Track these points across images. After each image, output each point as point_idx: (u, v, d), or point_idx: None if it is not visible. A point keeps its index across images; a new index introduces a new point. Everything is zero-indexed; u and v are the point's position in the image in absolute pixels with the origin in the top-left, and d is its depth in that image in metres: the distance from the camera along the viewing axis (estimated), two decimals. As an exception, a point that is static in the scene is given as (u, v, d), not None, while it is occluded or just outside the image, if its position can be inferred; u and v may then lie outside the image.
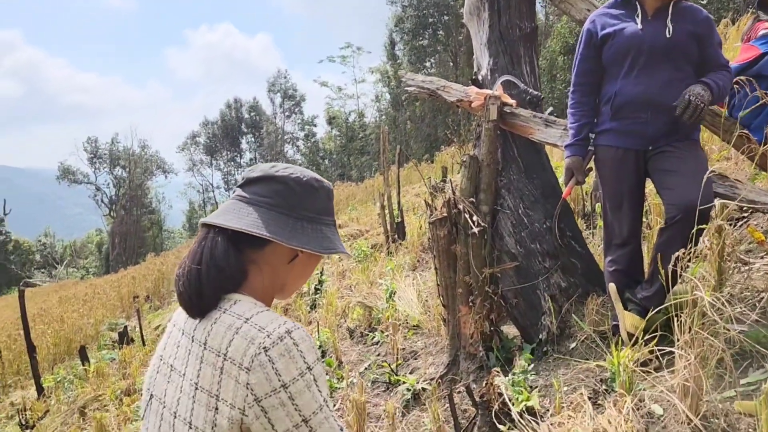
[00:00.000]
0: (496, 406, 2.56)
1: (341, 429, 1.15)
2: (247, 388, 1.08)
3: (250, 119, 49.21)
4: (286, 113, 47.90)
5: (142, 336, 9.00)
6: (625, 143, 2.74)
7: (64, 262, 47.09)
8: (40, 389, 7.57)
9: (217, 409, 1.11)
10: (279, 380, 1.08)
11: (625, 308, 2.70)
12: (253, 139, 49.60)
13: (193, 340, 1.19)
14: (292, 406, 1.08)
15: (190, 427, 1.14)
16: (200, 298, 1.18)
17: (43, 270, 45.59)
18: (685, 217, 2.38)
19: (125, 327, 9.82)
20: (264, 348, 1.09)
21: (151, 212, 48.70)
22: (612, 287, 2.76)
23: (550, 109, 3.48)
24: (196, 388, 1.14)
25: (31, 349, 7.73)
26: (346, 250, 1.28)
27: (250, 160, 48.83)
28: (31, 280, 35.07)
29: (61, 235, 61.22)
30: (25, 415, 6.72)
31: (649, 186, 2.91)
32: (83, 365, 7.77)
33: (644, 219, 3.25)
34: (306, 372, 1.10)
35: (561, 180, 3.34)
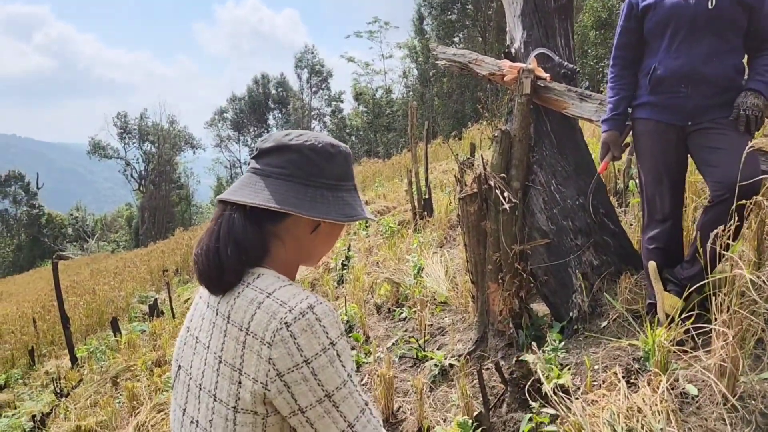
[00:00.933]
0: (527, 384, 2.54)
1: (366, 404, 1.13)
2: (269, 363, 1.08)
3: (277, 95, 49.24)
4: (313, 89, 47.81)
5: (171, 309, 9.16)
6: (664, 117, 2.65)
7: (96, 236, 48.04)
8: (73, 359, 7.79)
9: (240, 383, 1.11)
10: (301, 355, 1.07)
11: (664, 288, 2.64)
12: (280, 115, 49.69)
13: (217, 313, 1.18)
14: (315, 381, 1.07)
15: (215, 400, 1.14)
16: (220, 276, 1.17)
17: (75, 243, 46.59)
18: (732, 196, 2.30)
19: (155, 300, 10.02)
20: (286, 323, 1.08)
21: (180, 187, 49.29)
22: (651, 265, 2.69)
23: (586, 83, 3.38)
24: (220, 362, 1.14)
25: (65, 320, 7.93)
26: (370, 215, 1.24)
27: (277, 136, 48.94)
28: (63, 253, 35.97)
29: (92, 209, 62.46)
30: (60, 383, 6.92)
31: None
32: (115, 336, 7.96)
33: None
34: (329, 347, 1.09)
35: (595, 156, 3.27)
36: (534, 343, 2.93)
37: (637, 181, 4.54)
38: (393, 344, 4.30)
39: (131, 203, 51.02)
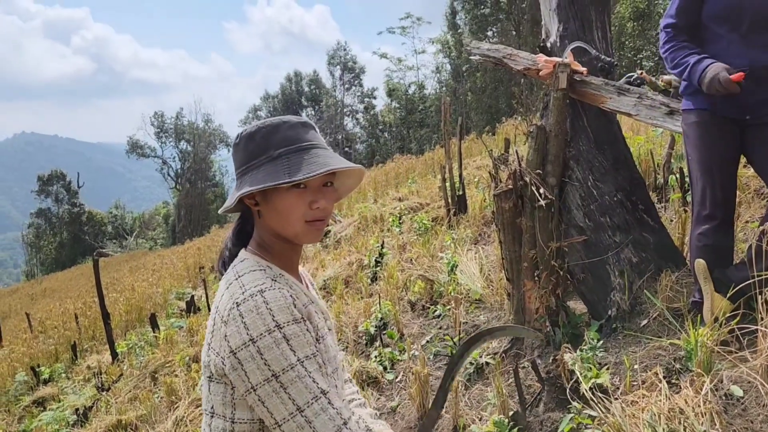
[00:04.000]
0: (565, 383, 2.50)
1: (323, 392, 1.16)
2: (225, 339, 1.17)
3: (310, 92, 49.53)
4: (346, 86, 47.92)
5: (208, 305, 9.29)
6: (720, 109, 2.53)
7: (134, 234, 49.10)
8: (114, 354, 7.96)
9: (209, 356, 1.23)
10: (247, 334, 1.14)
11: (714, 289, 2.53)
12: (312, 112, 49.94)
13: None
14: (261, 360, 1.14)
15: (202, 372, 1.29)
16: (225, 265, 1.37)
17: (114, 241, 47.70)
18: None
19: (192, 296, 10.17)
20: (236, 303, 1.18)
21: (215, 185, 49.99)
22: (700, 263, 2.56)
23: (634, 74, 3.27)
24: (206, 336, 1.28)
25: (106, 315, 8.11)
26: (267, 182, 1.21)
27: (310, 133, 49.19)
28: (104, 251, 36.85)
29: (130, 207, 63.85)
30: (101, 378, 7.08)
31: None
32: (153, 332, 8.11)
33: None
34: (274, 329, 1.15)
35: (634, 150, 3.19)
36: (567, 345, 2.87)
37: (677, 176, 4.44)
38: (427, 342, 4.29)
39: (168, 201, 51.98)
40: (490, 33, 32.95)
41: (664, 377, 2.27)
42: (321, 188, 1.27)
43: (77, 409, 6.24)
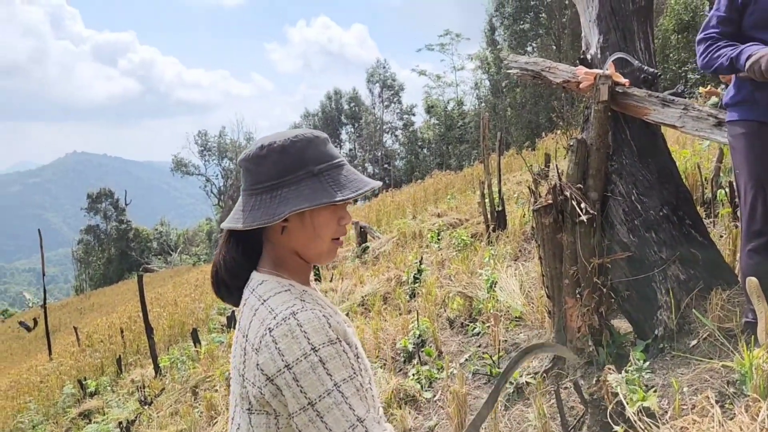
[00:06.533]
0: (609, 406, 2.40)
1: (360, 420, 1.10)
2: (258, 368, 1.12)
3: (349, 110, 49.97)
4: (385, 103, 48.21)
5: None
6: (766, 119, 2.44)
7: (178, 250, 50.12)
8: (157, 368, 8.09)
9: (246, 388, 1.17)
10: (282, 360, 1.09)
11: None
12: (352, 129, 50.36)
13: (237, 323, 1.27)
14: (297, 388, 1.09)
15: (236, 405, 1.23)
16: (226, 290, 1.30)
17: (159, 257, 48.77)
18: None
19: (233, 312, 10.28)
20: (269, 329, 1.12)
21: (257, 202, 50.61)
22: (752, 281, 2.43)
23: (680, 86, 3.17)
24: (234, 367, 1.22)
25: (149, 330, 8.27)
26: (314, 201, 1.17)
27: (350, 150, 49.60)
28: (149, 266, 37.71)
29: (175, 223, 65.23)
30: (144, 392, 7.19)
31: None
32: (195, 347, 8.20)
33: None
34: (310, 353, 1.10)
35: (679, 164, 3.09)
36: (610, 366, 2.76)
37: (726, 190, 4.28)
38: (466, 360, 4.20)
39: (211, 218, 52.95)
40: (529, 48, 32.77)
41: (717, 402, 2.16)
42: (345, 205, 1.26)
43: (120, 423, 6.34)
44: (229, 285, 1.28)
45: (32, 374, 12.74)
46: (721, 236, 3.94)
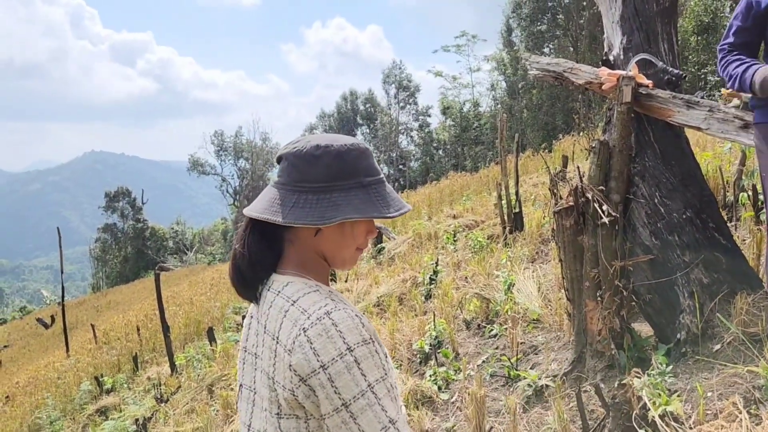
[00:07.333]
0: (634, 410, 2.37)
1: (392, 421, 1.10)
2: (290, 370, 1.11)
3: (365, 111, 49.97)
4: (401, 104, 48.17)
5: (264, 320, 9.38)
6: None
7: (194, 249, 50.43)
8: (173, 366, 8.14)
9: (275, 391, 1.15)
10: (318, 360, 1.08)
11: None
12: (368, 130, 50.36)
13: (260, 325, 1.24)
14: (331, 389, 1.08)
15: (264, 410, 1.20)
16: (243, 283, 1.26)
17: (175, 255, 49.07)
18: None
19: (248, 311, 10.32)
20: (303, 329, 1.11)
21: (272, 202, 50.74)
22: None
23: (699, 93, 3.14)
24: (262, 371, 1.20)
25: (166, 328, 8.32)
26: (366, 214, 1.17)
27: (366, 151, 49.57)
28: (165, 265, 37.97)
29: (190, 223, 65.67)
30: (161, 389, 7.24)
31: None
32: (211, 345, 8.25)
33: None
34: (346, 353, 1.09)
35: (703, 167, 3.05)
36: (637, 369, 2.73)
37: (749, 193, 4.22)
38: (483, 362, 4.19)
39: (226, 217, 53.21)
40: (546, 50, 32.58)
41: (744, 407, 2.13)
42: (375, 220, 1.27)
43: (137, 420, 6.38)
44: (250, 277, 1.26)
45: (50, 371, 12.88)
46: (745, 241, 3.89)
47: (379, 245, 10.04)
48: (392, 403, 1.13)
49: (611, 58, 3.42)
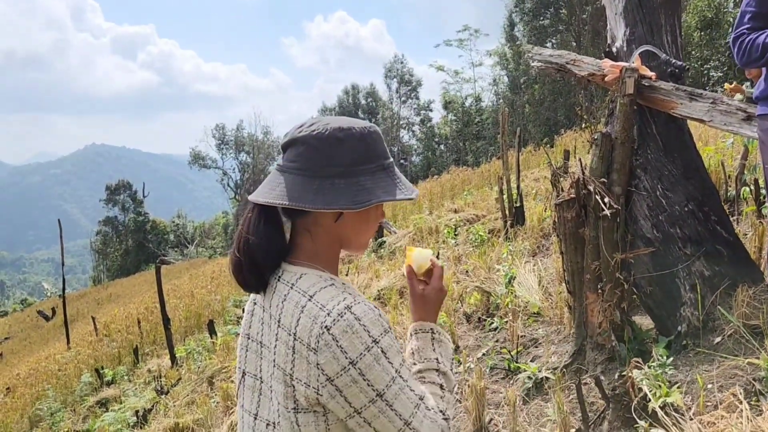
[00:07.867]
0: (634, 401, 2.37)
1: (420, 398, 1.13)
2: (318, 369, 1.09)
3: (366, 105, 49.90)
4: (402, 98, 48.10)
5: (264, 312, 9.38)
6: None
7: (195, 242, 50.48)
8: (173, 358, 8.15)
9: (293, 387, 1.13)
10: (346, 358, 1.08)
11: None
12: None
13: (271, 317, 1.21)
14: (364, 382, 1.08)
15: (277, 403, 1.18)
16: (254, 272, 1.20)
17: (176, 249, 49.15)
18: None
19: (250, 304, 10.32)
20: (326, 327, 1.09)
21: (273, 196, 50.77)
22: None
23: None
24: (275, 365, 1.17)
25: (166, 321, 8.33)
26: (394, 196, 1.17)
27: (367, 145, 49.57)
28: (166, 258, 38.01)
29: (191, 216, 65.75)
30: (161, 381, 7.25)
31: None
32: (211, 338, 8.26)
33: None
34: (372, 346, 1.10)
35: (705, 159, 3.04)
36: (638, 360, 2.73)
37: (751, 187, 4.20)
38: (484, 354, 4.18)
39: (227, 211, 53.24)
40: (549, 45, 32.48)
41: (744, 398, 2.12)
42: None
43: (137, 411, 6.40)
44: (262, 266, 1.20)
45: (50, 362, 12.90)
46: (746, 234, 3.88)
47: (380, 239, 10.04)
48: (416, 381, 1.17)
49: (614, 49, 3.40)
